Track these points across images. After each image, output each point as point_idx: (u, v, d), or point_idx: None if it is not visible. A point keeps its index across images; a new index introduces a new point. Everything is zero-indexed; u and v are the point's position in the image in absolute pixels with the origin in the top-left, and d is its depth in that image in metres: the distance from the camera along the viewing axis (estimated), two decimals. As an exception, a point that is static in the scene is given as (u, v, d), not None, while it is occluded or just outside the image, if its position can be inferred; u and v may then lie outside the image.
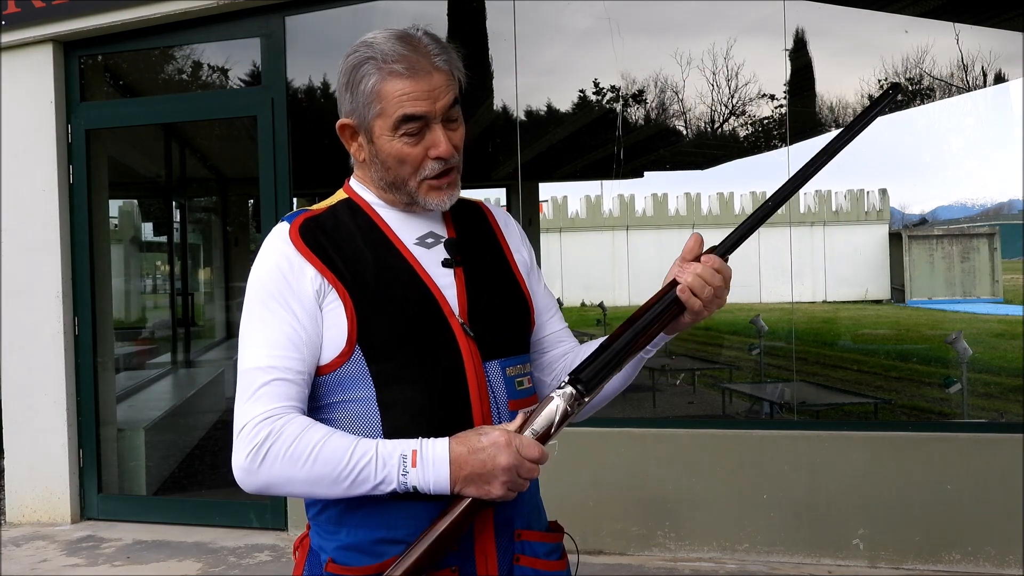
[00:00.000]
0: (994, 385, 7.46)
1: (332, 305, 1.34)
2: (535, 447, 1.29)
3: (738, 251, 1.39)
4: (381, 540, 1.34)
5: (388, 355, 1.34)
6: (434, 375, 1.35)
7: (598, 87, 7.25)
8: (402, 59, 1.33)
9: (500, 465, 1.26)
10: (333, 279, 1.34)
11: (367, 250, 1.38)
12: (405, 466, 1.26)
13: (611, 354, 1.36)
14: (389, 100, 1.33)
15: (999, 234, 9.38)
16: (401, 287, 1.37)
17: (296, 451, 1.27)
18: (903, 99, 6.81)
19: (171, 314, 9.01)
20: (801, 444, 4.19)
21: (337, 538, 1.37)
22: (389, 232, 1.41)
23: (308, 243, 1.36)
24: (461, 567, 1.36)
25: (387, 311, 1.35)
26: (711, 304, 1.35)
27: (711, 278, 1.34)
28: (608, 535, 4.25)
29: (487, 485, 1.26)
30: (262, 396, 1.31)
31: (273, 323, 1.34)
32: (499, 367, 1.41)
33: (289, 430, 1.28)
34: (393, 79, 1.33)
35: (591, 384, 1.34)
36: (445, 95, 1.35)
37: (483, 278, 1.44)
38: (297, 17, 4.81)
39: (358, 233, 1.40)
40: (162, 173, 8.77)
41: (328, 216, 1.42)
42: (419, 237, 1.43)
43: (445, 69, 1.35)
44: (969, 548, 3.95)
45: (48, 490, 5.07)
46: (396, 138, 1.35)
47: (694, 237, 1.38)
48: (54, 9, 4.91)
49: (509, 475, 1.26)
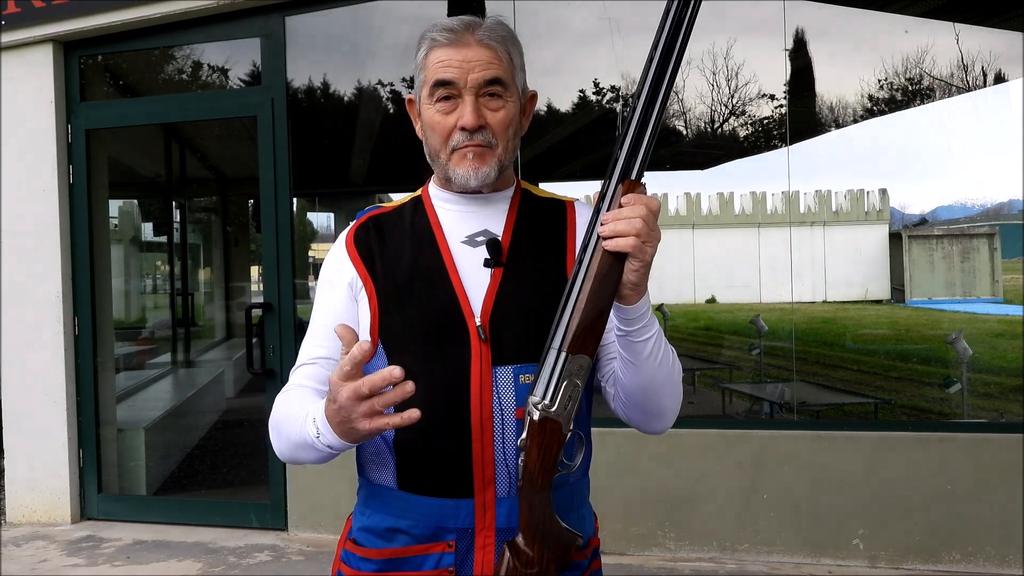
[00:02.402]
0: (994, 385, 7.45)
1: (363, 302, 1.43)
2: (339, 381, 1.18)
3: (738, 251, 1.36)
4: (391, 528, 1.41)
5: (403, 350, 1.39)
6: (438, 374, 1.37)
7: (598, 87, 7.25)
8: (448, 30, 1.38)
9: (334, 409, 1.19)
10: (367, 277, 1.43)
11: (410, 251, 1.44)
12: (317, 429, 1.26)
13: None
14: (430, 68, 1.39)
15: (999, 234, 9.37)
16: (426, 286, 1.41)
17: (276, 420, 1.39)
18: (902, 100, 6.81)
19: (171, 314, 9.02)
20: (801, 444, 4.19)
21: (362, 519, 1.46)
22: (438, 230, 1.45)
23: (357, 242, 1.47)
24: (458, 568, 1.37)
25: (405, 308, 1.40)
26: (647, 239, 1.22)
27: (629, 212, 1.22)
28: (608, 535, 4.24)
29: (351, 429, 1.19)
30: (295, 375, 1.45)
31: (318, 313, 1.47)
32: (511, 373, 1.37)
33: (277, 403, 1.41)
34: (436, 48, 1.39)
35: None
36: (483, 69, 1.37)
37: (521, 282, 1.41)
38: (297, 17, 4.81)
39: (409, 231, 1.46)
40: (162, 173, 8.77)
41: (391, 216, 1.50)
42: (469, 235, 1.45)
43: (490, 45, 1.38)
44: (969, 548, 3.95)
45: (48, 490, 5.07)
46: (432, 105, 1.40)
47: None
48: (54, 9, 4.91)
49: (348, 410, 1.16)
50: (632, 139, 1.24)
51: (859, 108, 7.14)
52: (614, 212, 1.23)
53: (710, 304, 9.93)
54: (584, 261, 1.24)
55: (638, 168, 1.25)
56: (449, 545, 1.37)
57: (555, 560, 1.29)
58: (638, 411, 1.40)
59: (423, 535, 1.38)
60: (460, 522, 1.37)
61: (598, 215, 1.25)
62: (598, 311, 1.23)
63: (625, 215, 1.22)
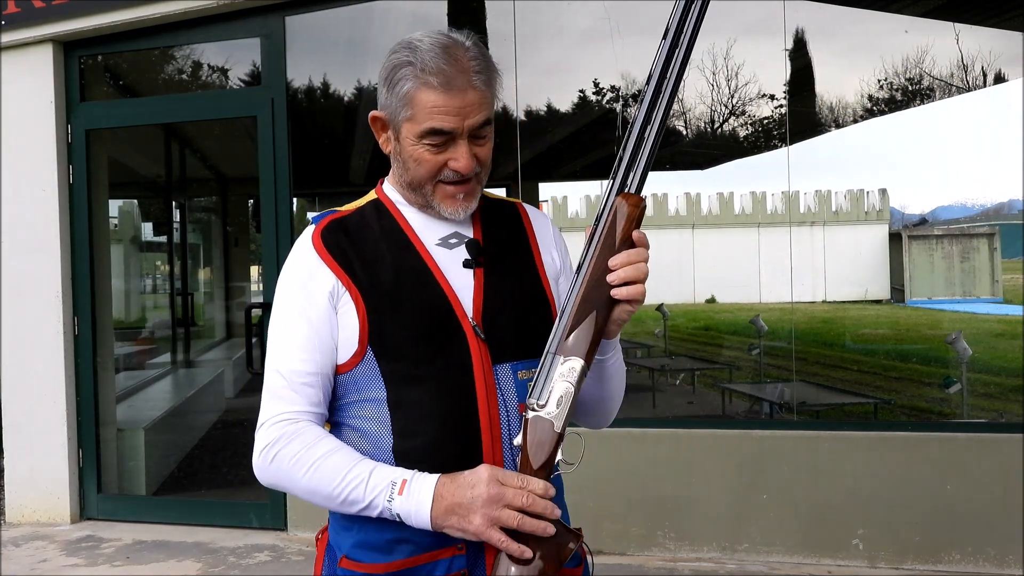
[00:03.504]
0: (994, 385, 7.46)
1: (346, 307, 1.38)
2: (518, 477, 1.28)
3: (738, 251, 1.38)
4: (393, 540, 1.36)
5: (399, 356, 1.37)
6: (442, 376, 1.36)
7: (598, 87, 7.25)
8: (440, 72, 1.32)
9: (479, 495, 1.26)
10: (348, 281, 1.38)
11: (387, 253, 1.41)
12: (392, 493, 1.29)
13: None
14: (420, 109, 1.34)
15: (999, 234, 9.37)
16: (415, 288, 1.39)
17: (300, 460, 1.34)
18: (902, 100, 6.82)
19: (171, 314, 9.02)
20: (801, 444, 4.19)
21: (350, 535, 1.40)
22: (411, 233, 1.44)
23: (328, 246, 1.41)
24: (470, 570, 1.36)
25: (398, 312, 1.37)
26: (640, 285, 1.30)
27: (636, 256, 1.29)
28: (608, 535, 4.24)
29: (467, 517, 1.26)
30: (280, 397, 1.39)
31: (292, 328, 1.40)
32: (510, 370, 1.40)
33: (300, 439, 1.35)
34: (427, 90, 1.33)
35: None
36: (477, 114, 1.35)
37: (503, 280, 1.44)
38: (297, 17, 4.81)
39: (381, 234, 1.43)
40: (162, 173, 8.77)
41: (355, 217, 1.46)
42: (442, 238, 1.44)
43: (482, 89, 1.35)
44: (969, 548, 3.95)
45: (48, 490, 5.07)
46: (419, 144, 1.37)
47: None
48: (54, 9, 4.91)
49: (489, 507, 1.26)
50: (631, 152, 1.30)
51: (859, 108, 7.14)
52: (623, 257, 1.28)
53: (710, 304, 9.93)
54: (584, 268, 1.31)
55: (638, 182, 1.30)
56: (459, 548, 1.35)
57: (553, 558, 1.30)
58: (590, 417, 1.52)
59: (430, 543, 1.35)
60: None
61: (598, 223, 1.30)
62: (589, 316, 1.30)
63: (634, 260, 1.28)
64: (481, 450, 1.36)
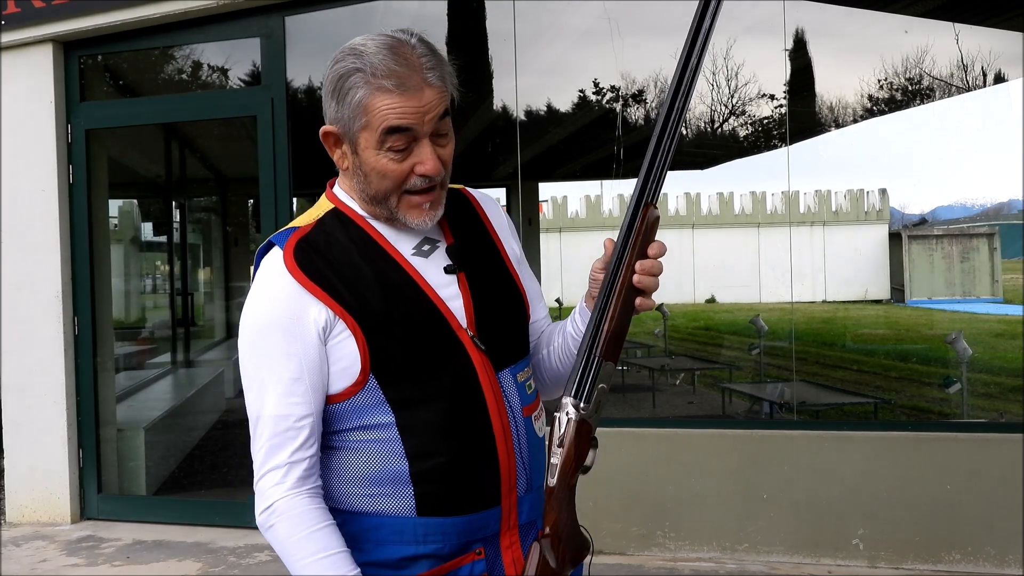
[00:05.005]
0: (994, 385, 7.46)
1: (341, 337, 1.30)
2: None
3: (738, 251, 1.39)
4: (409, 557, 1.33)
5: (403, 379, 1.31)
6: (451, 394, 1.32)
7: (598, 87, 7.26)
8: (392, 74, 1.26)
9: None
10: (340, 310, 1.29)
11: (366, 267, 1.33)
12: None
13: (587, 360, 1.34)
14: (375, 114, 1.27)
15: (999, 234, 9.38)
16: (406, 305, 1.32)
17: (292, 547, 1.29)
18: (902, 100, 6.82)
19: (171, 314, 9.02)
20: (801, 444, 4.19)
21: (362, 555, 1.33)
22: (386, 244, 1.36)
23: (307, 271, 1.30)
24: (490, 571, 1.36)
25: (397, 335, 1.30)
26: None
27: (659, 268, 1.34)
28: (608, 535, 4.24)
29: None
30: (273, 447, 1.30)
31: (277, 368, 1.30)
32: (510, 375, 1.39)
33: (295, 520, 1.29)
34: (381, 95, 1.26)
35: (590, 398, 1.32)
36: (435, 109, 1.28)
37: (485, 283, 1.41)
38: (297, 17, 4.81)
39: (353, 248, 1.34)
40: (162, 173, 8.77)
41: (318, 233, 1.35)
42: (416, 246, 1.37)
43: (437, 85, 1.29)
44: (969, 548, 3.95)
45: (48, 490, 5.07)
46: (382, 152, 1.29)
47: (608, 243, 1.35)
48: (54, 9, 4.91)
49: None
50: (660, 163, 1.31)
51: (859, 108, 7.15)
52: (650, 265, 1.32)
53: (710, 304, 9.94)
54: (620, 275, 1.32)
55: (653, 192, 1.32)
56: (478, 553, 1.35)
57: (572, 562, 1.31)
58: (556, 390, 1.50)
59: (451, 553, 1.33)
60: (488, 531, 1.36)
61: (630, 231, 1.31)
62: (624, 321, 1.32)
63: (657, 271, 1.33)
64: (498, 460, 1.35)
